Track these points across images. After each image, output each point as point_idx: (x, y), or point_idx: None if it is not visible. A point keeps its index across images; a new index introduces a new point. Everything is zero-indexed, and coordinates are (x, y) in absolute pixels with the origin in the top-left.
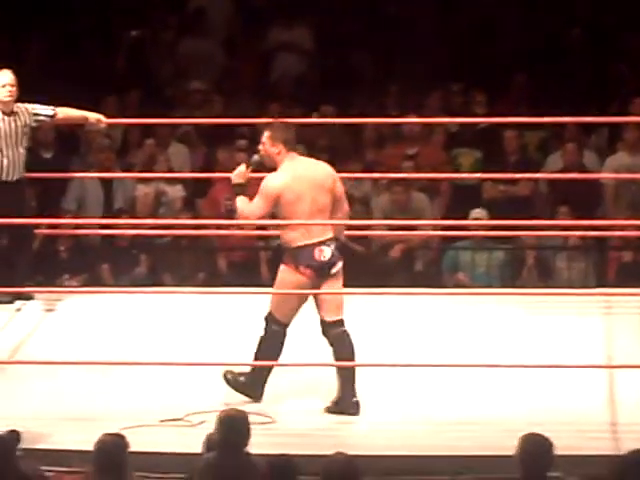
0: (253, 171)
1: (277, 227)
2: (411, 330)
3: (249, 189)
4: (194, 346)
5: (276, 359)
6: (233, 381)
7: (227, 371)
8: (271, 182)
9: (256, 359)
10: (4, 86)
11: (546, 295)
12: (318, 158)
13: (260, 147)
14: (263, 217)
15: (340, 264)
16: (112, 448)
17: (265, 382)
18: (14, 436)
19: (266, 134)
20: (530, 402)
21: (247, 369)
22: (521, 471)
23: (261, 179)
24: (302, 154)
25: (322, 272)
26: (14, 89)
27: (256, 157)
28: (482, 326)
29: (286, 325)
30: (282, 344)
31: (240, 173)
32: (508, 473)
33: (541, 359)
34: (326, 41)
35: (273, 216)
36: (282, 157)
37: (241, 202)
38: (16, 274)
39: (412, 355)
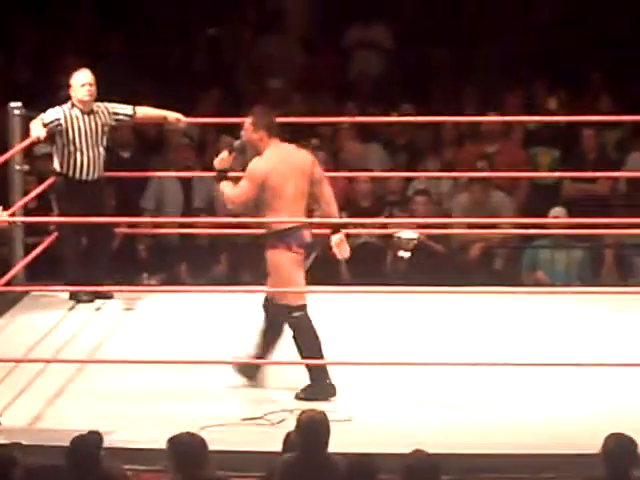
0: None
1: (260, 211)
2: (490, 328)
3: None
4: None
5: (319, 341)
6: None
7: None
8: (257, 166)
9: (306, 355)
10: (83, 85)
11: (626, 293)
12: (397, 157)
13: (242, 133)
14: (249, 201)
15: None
16: (187, 446)
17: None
18: (97, 436)
19: (248, 120)
20: (612, 401)
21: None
22: (605, 470)
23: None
24: (284, 141)
25: (308, 254)
26: (93, 88)
27: (238, 143)
28: (562, 324)
29: (306, 306)
30: (313, 325)
31: (223, 159)
32: (589, 472)
33: (623, 357)
34: (405, 39)
35: (257, 201)
36: (264, 143)
37: (226, 187)
38: (96, 273)
39: (492, 353)
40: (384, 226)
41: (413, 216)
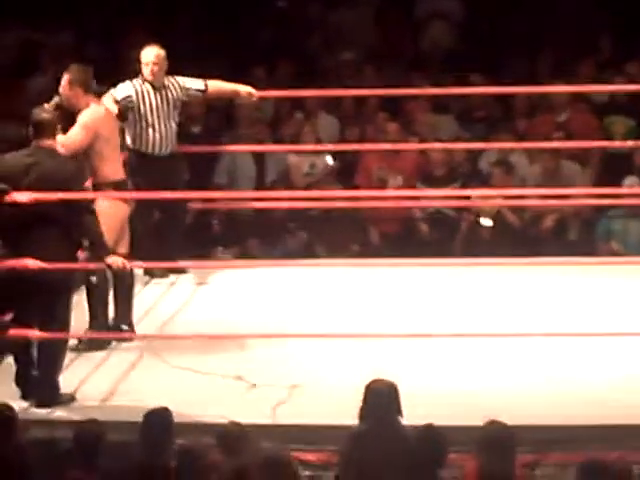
0: None
1: (91, 160)
2: (563, 299)
3: None
4: (346, 318)
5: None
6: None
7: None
8: (90, 116)
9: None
10: (147, 64)
11: None
12: (470, 129)
13: (60, 90)
14: (81, 148)
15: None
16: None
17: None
18: (167, 412)
19: (65, 77)
20: None
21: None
22: None
23: None
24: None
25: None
26: (157, 67)
27: (56, 99)
28: (636, 294)
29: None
30: None
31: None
32: None
33: None
34: (476, 10)
35: (89, 149)
36: (81, 99)
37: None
38: (170, 248)
39: (565, 323)
40: (460, 198)
41: (488, 186)
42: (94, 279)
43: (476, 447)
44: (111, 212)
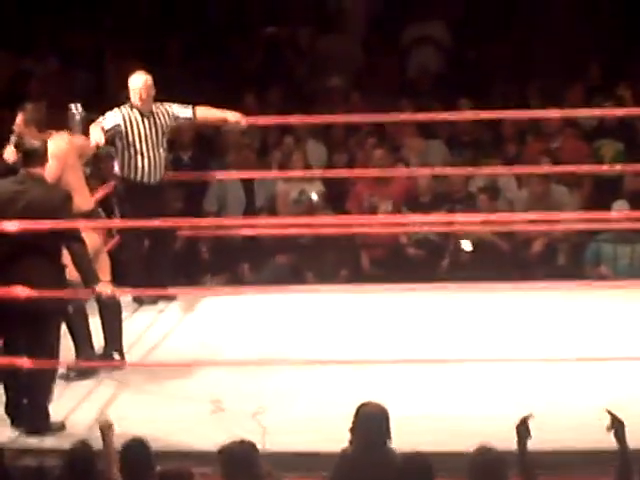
0: None
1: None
2: (552, 323)
3: None
4: (335, 343)
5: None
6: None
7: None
8: (57, 145)
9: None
10: (135, 90)
11: None
12: (459, 154)
13: (14, 129)
14: (56, 179)
15: None
16: (237, 455)
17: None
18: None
19: (19, 116)
20: None
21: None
22: None
23: None
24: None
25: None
26: (146, 93)
27: (12, 138)
28: (625, 319)
29: None
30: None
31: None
32: None
33: None
34: (463, 35)
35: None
36: (35, 138)
37: None
38: (159, 275)
39: (554, 348)
40: (448, 223)
41: (476, 212)
42: (70, 309)
43: (468, 473)
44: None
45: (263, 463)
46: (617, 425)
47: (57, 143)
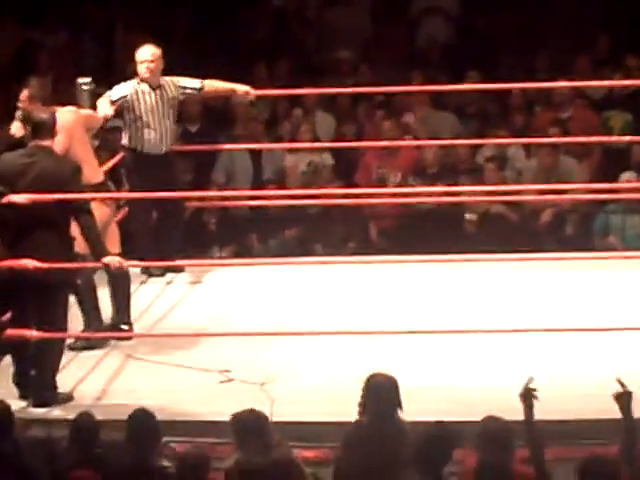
0: None
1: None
2: (561, 294)
3: None
4: (343, 315)
5: None
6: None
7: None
8: (64, 118)
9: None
10: (143, 62)
11: None
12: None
13: (20, 105)
14: (64, 152)
15: None
16: (249, 423)
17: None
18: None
19: (24, 92)
20: None
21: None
22: None
23: None
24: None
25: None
26: (154, 65)
27: (17, 113)
28: (634, 289)
29: None
30: None
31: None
32: None
33: None
34: (472, 5)
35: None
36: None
37: None
38: (167, 247)
39: (562, 319)
40: (456, 194)
41: (483, 183)
42: (79, 281)
43: (475, 443)
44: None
45: (273, 433)
46: (625, 395)
47: (64, 116)
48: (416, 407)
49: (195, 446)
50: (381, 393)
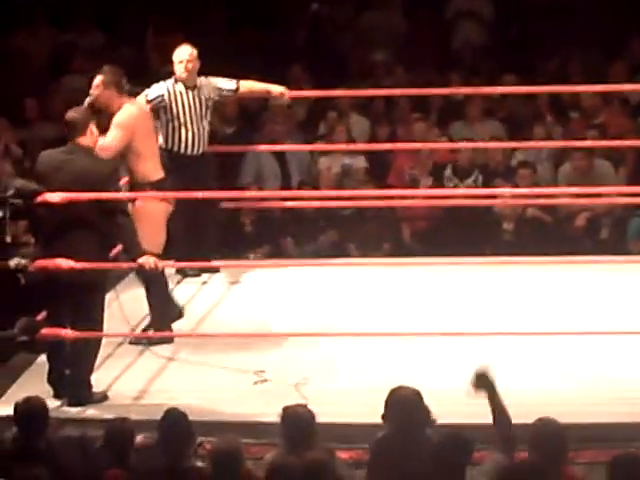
0: None
1: (129, 160)
2: (595, 298)
3: None
4: (377, 317)
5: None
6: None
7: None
8: (125, 116)
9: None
10: (181, 62)
11: None
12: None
13: (93, 91)
14: (119, 148)
15: None
16: (298, 419)
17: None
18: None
19: (99, 79)
20: None
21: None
22: None
23: None
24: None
25: None
26: (190, 65)
27: (88, 100)
28: None
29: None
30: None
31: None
32: None
33: None
34: (506, 10)
35: (126, 150)
36: (115, 101)
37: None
38: (203, 248)
39: (598, 322)
40: (491, 197)
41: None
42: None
43: (528, 445)
44: (151, 211)
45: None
46: (488, 386)
47: (128, 110)
48: (439, 409)
49: (225, 440)
50: (404, 407)
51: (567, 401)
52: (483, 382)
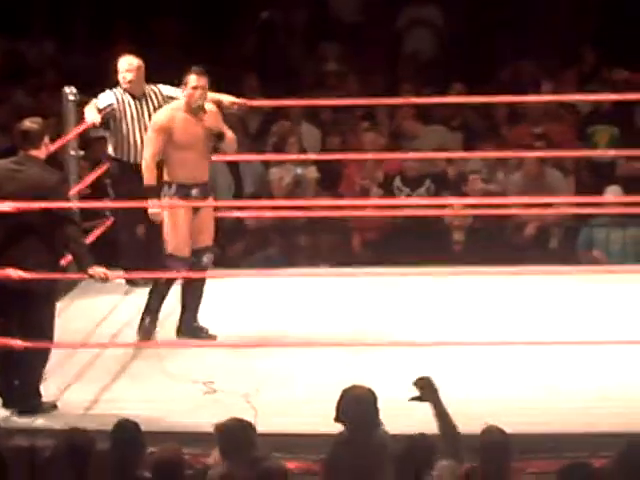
0: None
1: (165, 166)
2: (546, 308)
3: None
4: (328, 326)
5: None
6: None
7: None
8: (164, 115)
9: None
10: (123, 71)
11: None
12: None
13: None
14: (157, 154)
15: None
16: (234, 433)
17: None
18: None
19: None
20: None
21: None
22: None
23: None
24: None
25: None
26: (132, 75)
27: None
28: (618, 303)
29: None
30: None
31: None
32: None
33: None
34: (457, 17)
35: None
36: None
37: None
38: (154, 257)
39: (548, 332)
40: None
41: (467, 196)
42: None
43: (478, 453)
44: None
45: (262, 445)
46: (429, 391)
47: (163, 113)
48: (399, 420)
49: (166, 449)
50: (359, 405)
51: (517, 411)
52: (427, 391)
